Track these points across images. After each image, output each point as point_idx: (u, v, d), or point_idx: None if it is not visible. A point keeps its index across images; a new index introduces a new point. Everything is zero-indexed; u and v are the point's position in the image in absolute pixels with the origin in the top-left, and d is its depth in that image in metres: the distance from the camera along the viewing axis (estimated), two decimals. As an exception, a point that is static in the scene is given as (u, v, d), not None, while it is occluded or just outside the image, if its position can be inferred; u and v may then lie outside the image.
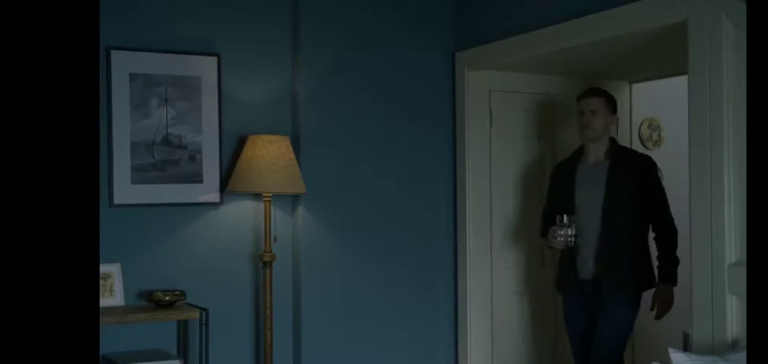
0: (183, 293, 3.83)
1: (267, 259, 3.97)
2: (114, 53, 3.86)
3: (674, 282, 3.92)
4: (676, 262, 3.92)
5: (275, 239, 4.04)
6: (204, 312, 3.73)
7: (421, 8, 4.48)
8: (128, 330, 3.83)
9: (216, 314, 3.93)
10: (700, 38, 3.12)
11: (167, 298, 3.76)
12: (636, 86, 4.93)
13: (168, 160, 3.98)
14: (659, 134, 5.28)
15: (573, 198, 4.02)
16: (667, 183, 3.99)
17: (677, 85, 4.28)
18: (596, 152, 4.04)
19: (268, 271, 3.97)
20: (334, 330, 4.24)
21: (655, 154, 5.23)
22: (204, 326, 3.73)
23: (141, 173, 3.92)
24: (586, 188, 4.01)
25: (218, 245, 4.09)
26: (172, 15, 4.00)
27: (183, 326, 3.96)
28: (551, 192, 4.23)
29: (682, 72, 3.48)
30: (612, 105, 4.05)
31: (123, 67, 3.89)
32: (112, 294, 3.78)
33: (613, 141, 4.07)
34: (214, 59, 4.08)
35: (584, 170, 4.06)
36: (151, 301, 3.79)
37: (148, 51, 3.94)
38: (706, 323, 3.13)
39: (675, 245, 3.93)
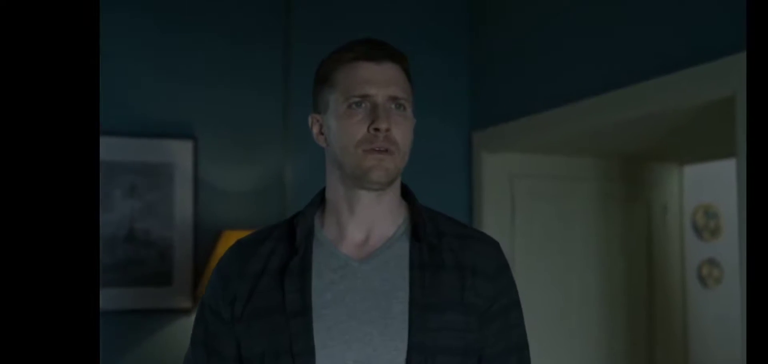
0: (140, 418, 3.28)
1: (242, 376, 3.38)
2: (72, 138, 3.40)
3: None
4: None
5: (252, 353, 3.44)
6: None
7: (433, 83, 3.91)
8: None
9: None
10: (752, 117, 2.48)
11: (119, 425, 3.21)
12: (688, 168, 4.25)
13: (133, 258, 3.47)
14: (717, 223, 4.57)
15: (310, 354, 1.54)
16: (728, 282, 3.12)
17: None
18: (375, 216, 1.65)
19: (243, 391, 3.39)
20: None
21: (715, 248, 4.53)
22: None
23: (99, 275, 3.41)
24: (350, 322, 1.57)
25: (189, 359, 3.53)
26: (141, 94, 3.53)
27: None
28: (213, 340, 1.72)
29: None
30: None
31: (82, 153, 3.42)
32: (59, 418, 3.24)
33: (408, 192, 1.72)
34: (190, 143, 3.58)
35: (341, 270, 1.62)
36: (101, 428, 3.24)
37: (112, 135, 3.46)
38: None
39: None
